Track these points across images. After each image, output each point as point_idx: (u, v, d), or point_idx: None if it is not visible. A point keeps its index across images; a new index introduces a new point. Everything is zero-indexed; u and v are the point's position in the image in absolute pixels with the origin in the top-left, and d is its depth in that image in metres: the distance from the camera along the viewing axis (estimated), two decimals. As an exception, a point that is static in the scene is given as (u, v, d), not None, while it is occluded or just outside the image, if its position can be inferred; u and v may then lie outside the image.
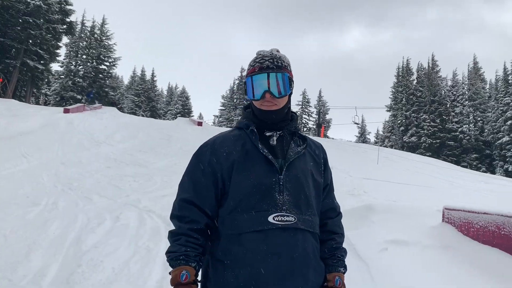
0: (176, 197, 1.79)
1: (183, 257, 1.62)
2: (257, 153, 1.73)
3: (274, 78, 1.74)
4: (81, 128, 21.08)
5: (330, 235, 1.88)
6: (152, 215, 7.48)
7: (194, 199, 1.72)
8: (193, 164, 1.81)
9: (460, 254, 5.18)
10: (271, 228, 1.63)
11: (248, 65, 1.83)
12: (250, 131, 1.77)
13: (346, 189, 12.98)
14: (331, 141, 36.72)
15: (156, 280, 4.50)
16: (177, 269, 1.61)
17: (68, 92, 47.16)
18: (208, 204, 1.73)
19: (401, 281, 4.37)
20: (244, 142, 1.76)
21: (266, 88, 1.73)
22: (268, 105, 1.75)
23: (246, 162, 1.71)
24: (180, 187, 1.80)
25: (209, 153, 1.77)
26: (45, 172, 10.81)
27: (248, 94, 1.79)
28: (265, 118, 1.79)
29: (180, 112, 65.87)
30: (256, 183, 1.67)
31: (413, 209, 7.51)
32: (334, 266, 1.81)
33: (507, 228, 4.96)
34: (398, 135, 56.64)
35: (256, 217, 1.65)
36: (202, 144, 1.85)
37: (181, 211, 1.72)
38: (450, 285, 4.34)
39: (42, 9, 36.69)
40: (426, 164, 27.29)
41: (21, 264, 4.64)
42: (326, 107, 67.38)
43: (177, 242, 1.66)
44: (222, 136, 1.84)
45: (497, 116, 49.19)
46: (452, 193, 15.13)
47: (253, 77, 1.77)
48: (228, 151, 1.75)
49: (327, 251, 1.83)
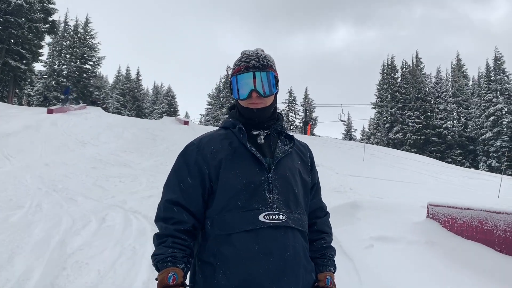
0: (161, 198, 1.74)
1: (170, 259, 1.56)
2: (245, 152, 1.71)
3: (260, 77, 1.73)
4: (65, 129, 20.81)
5: (320, 235, 1.88)
6: (138, 215, 7.43)
7: (180, 200, 1.67)
8: (178, 164, 1.77)
9: (444, 249, 5.25)
10: (262, 227, 1.60)
11: (233, 65, 1.81)
12: (238, 130, 1.75)
13: (332, 186, 13.04)
14: (318, 139, 36.86)
15: (143, 281, 4.47)
16: (164, 271, 1.54)
17: (51, 92, 46.54)
18: (195, 205, 1.68)
19: (387, 278, 4.41)
20: (231, 141, 1.74)
21: (252, 87, 1.72)
22: (255, 103, 1.74)
23: (234, 160, 1.69)
24: (165, 188, 1.75)
25: (195, 153, 1.74)
26: (28, 174, 10.65)
27: (234, 93, 1.78)
28: (252, 117, 1.77)
29: (166, 111, 65.47)
30: (245, 181, 1.65)
31: (398, 205, 7.59)
32: (324, 266, 1.81)
33: (490, 223, 5.04)
34: (384, 132, 57.15)
35: (246, 216, 1.61)
36: (188, 143, 1.82)
37: (167, 213, 1.67)
38: (435, 280, 4.40)
39: (24, 8, 36.12)
40: (411, 160, 27.58)
41: (3, 268, 4.56)
42: (313, 105, 67.65)
43: (163, 244, 1.60)
44: (209, 135, 1.82)
45: (480, 112, 49.96)
46: (437, 189, 15.32)
47: (238, 76, 1.75)
48: (215, 150, 1.72)
49: (317, 251, 1.83)
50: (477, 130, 50.13)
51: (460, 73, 57.06)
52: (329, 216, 1.98)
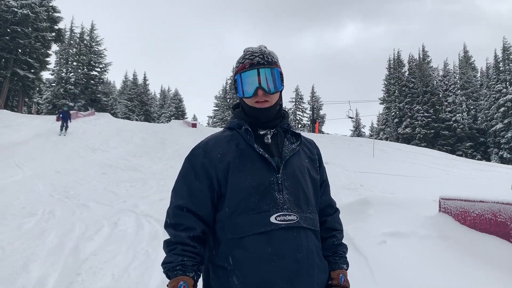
0: (170, 204, 1.72)
1: (180, 267, 1.54)
2: (252, 153, 1.67)
3: (265, 73, 1.69)
4: (75, 136, 20.98)
5: (331, 232, 1.85)
6: (150, 219, 7.47)
7: (189, 205, 1.65)
8: (185, 168, 1.73)
9: (458, 243, 5.20)
10: (274, 229, 1.58)
11: (237, 63, 1.77)
12: (244, 130, 1.71)
13: (342, 184, 13.02)
14: (326, 136, 36.77)
15: (156, 285, 4.49)
16: (174, 280, 1.53)
17: (60, 100, 46.96)
18: (204, 210, 1.65)
19: (400, 273, 4.39)
20: (237, 142, 1.71)
21: (258, 85, 1.68)
22: (261, 101, 1.70)
23: (242, 162, 1.65)
24: (173, 194, 1.73)
25: (202, 156, 1.70)
26: (40, 182, 10.76)
27: (239, 92, 1.74)
28: (258, 116, 1.73)
29: (174, 114, 65.74)
30: (255, 183, 1.62)
31: (409, 200, 7.54)
32: (337, 264, 1.79)
33: (503, 215, 4.98)
34: (393, 127, 56.81)
35: (257, 219, 1.59)
36: (194, 147, 1.79)
37: (176, 219, 1.65)
38: (449, 275, 4.36)
39: (30, 17, 36.51)
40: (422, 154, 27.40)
41: (19, 275, 4.61)
42: (320, 102, 67.47)
43: (173, 252, 1.58)
44: (214, 137, 1.78)
45: (490, 103, 49.46)
46: (448, 183, 15.20)
47: (243, 74, 1.71)
48: (222, 152, 1.68)
49: (329, 249, 1.81)
50: (487, 122, 49.64)
51: (468, 65, 56.54)
52: (339, 212, 1.96)
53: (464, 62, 56.77)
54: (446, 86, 56.37)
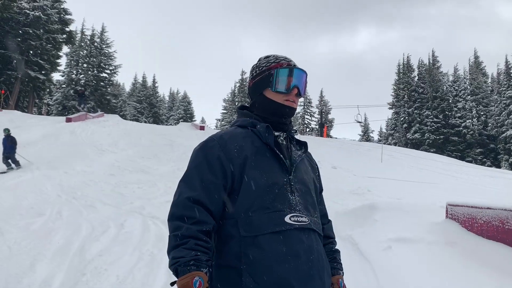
0: (179, 195, 1.60)
1: (193, 262, 1.44)
2: (267, 152, 1.67)
3: (303, 77, 1.76)
4: (84, 137, 21.13)
5: (328, 239, 1.90)
6: (156, 221, 7.49)
7: (202, 198, 1.56)
8: (198, 159, 1.66)
9: (465, 250, 5.16)
10: (289, 229, 1.56)
11: (267, 62, 1.79)
12: (264, 128, 1.70)
13: (350, 188, 12.95)
14: (334, 141, 36.64)
15: (161, 286, 4.51)
16: (188, 275, 1.41)
17: (70, 101, 47.32)
18: (215, 204, 1.58)
19: (406, 280, 4.36)
20: (253, 140, 1.69)
21: (297, 84, 1.73)
22: (291, 101, 1.74)
23: (258, 160, 1.64)
24: (183, 184, 1.63)
25: (217, 149, 1.65)
26: (48, 182, 10.84)
27: (275, 85, 1.73)
28: (283, 114, 1.75)
29: (182, 117, 65.97)
30: (270, 182, 1.61)
31: (416, 206, 7.49)
32: (336, 269, 1.83)
33: (511, 222, 4.93)
34: (402, 133, 56.48)
35: (273, 217, 1.56)
36: (207, 139, 1.73)
37: (187, 211, 1.54)
38: (455, 282, 4.32)
39: (42, 19, 36.89)
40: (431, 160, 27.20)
41: (26, 275, 4.65)
42: (328, 106, 67.29)
43: (184, 246, 1.47)
44: (229, 132, 1.74)
45: (500, 109, 48.99)
46: (457, 189, 15.07)
47: (282, 70, 1.74)
48: (239, 147, 1.65)
49: (328, 254, 1.83)
50: (498, 128, 49.14)
51: (478, 71, 56.09)
52: (332, 223, 2.01)
53: (474, 67, 56.32)
54: (456, 91, 55.94)
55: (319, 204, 1.88)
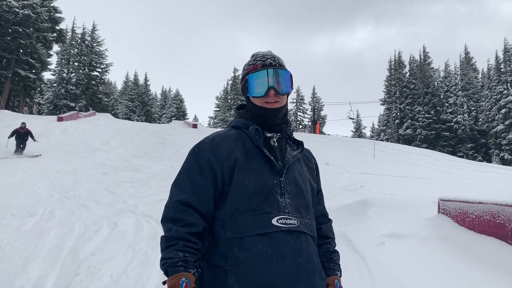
0: (170, 198, 1.67)
1: (181, 263, 1.49)
2: (258, 154, 1.68)
3: (278, 75, 1.73)
4: (76, 136, 21.02)
5: (325, 239, 1.88)
6: (150, 220, 7.48)
7: (191, 201, 1.61)
8: (190, 163, 1.70)
9: (457, 244, 5.20)
10: (275, 231, 1.57)
11: (246, 65, 1.81)
12: (254, 130, 1.71)
13: (343, 185, 13.01)
14: (327, 137, 36.76)
15: (155, 285, 4.49)
16: (175, 276, 1.47)
17: (61, 100, 46.99)
18: (206, 206, 1.62)
19: (399, 275, 4.39)
20: (244, 142, 1.70)
21: (271, 85, 1.71)
22: (272, 102, 1.72)
23: (248, 162, 1.65)
24: (175, 188, 1.69)
25: (208, 152, 1.68)
26: (41, 182, 10.77)
27: (250, 91, 1.75)
28: (267, 116, 1.74)
29: (175, 115, 65.78)
30: (259, 184, 1.61)
31: (409, 202, 7.55)
32: (332, 270, 1.81)
33: (502, 216, 4.98)
34: (394, 128, 56.79)
35: (259, 220, 1.58)
36: (199, 141, 1.76)
37: (177, 214, 1.60)
38: (448, 276, 4.36)
39: (31, 18, 36.56)
40: (423, 156, 27.39)
41: (18, 275, 4.62)
42: (321, 103, 67.47)
43: (174, 248, 1.53)
44: (221, 134, 1.76)
45: (491, 105, 49.41)
46: (449, 184, 15.20)
47: (255, 74, 1.74)
48: (230, 149, 1.67)
49: (324, 255, 1.83)
50: (489, 123, 49.58)
51: (469, 66, 56.50)
52: (332, 222, 1.99)
53: (465, 63, 56.73)
54: (447, 87, 56.33)
55: (316, 204, 1.88)
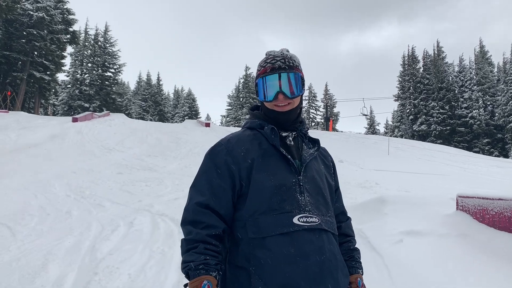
0: (189, 201, 1.67)
1: (202, 266, 1.48)
2: (275, 153, 1.67)
3: (287, 78, 1.69)
4: (91, 136, 21.21)
5: (345, 238, 1.87)
6: (165, 218, 7.51)
7: (210, 203, 1.61)
8: (207, 165, 1.70)
9: (477, 242, 5.12)
10: (297, 230, 1.56)
11: (258, 66, 1.78)
12: (270, 130, 1.70)
13: (357, 182, 12.92)
14: (340, 134, 36.56)
15: (172, 284, 4.51)
16: (197, 279, 1.46)
17: (75, 101, 47.52)
18: (225, 208, 1.62)
19: (418, 272, 4.33)
20: (260, 142, 1.70)
21: (278, 89, 1.68)
22: (282, 105, 1.70)
23: (265, 162, 1.65)
24: (193, 190, 1.69)
25: (224, 153, 1.68)
26: (57, 182, 10.89)
27: (260, 95, 1.74)
28: (279, 119, 1.73)
29: (187, 114, 66.07)
30: (278, 183, 1.61)
31: (426, 199, 7.44)
32: (354, 268, 1.80)
33: (523, 213, 4.89)
34: (408, 125, 56.22)
35: (280, 219, 1.57)
36: (215, 143, 1.77)
37: (197, 216, 1.59)
38: (467, 274, 4.29)
39: (45, 20, 37.04)
40: (438, 152, 27.08)
41: (38, 275, 4.68)
42: (333, 100, 67.13)
43: (194, 251, 1.52)
44: (236, 135, 1.77)
45: (508, 99, 48.60)
46: (466, 180, 14.99)
47: (264, 78, 1.72)
48: (246, 150, 1.67)
49: (345, 253, 1.81)
50: (505, 118, 48.76)
51: (484, 60, 55.63)
52: (351, 220, 1.98)
53: (480, 57, 55.87)
54: (462, 82, 55.56)
55: (335, 202, 1.86)
